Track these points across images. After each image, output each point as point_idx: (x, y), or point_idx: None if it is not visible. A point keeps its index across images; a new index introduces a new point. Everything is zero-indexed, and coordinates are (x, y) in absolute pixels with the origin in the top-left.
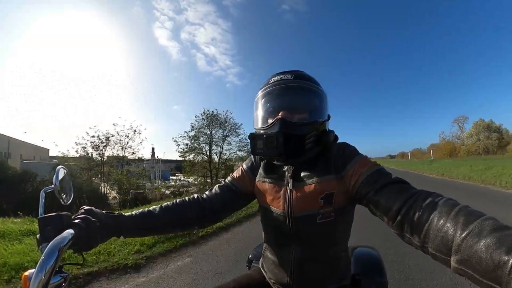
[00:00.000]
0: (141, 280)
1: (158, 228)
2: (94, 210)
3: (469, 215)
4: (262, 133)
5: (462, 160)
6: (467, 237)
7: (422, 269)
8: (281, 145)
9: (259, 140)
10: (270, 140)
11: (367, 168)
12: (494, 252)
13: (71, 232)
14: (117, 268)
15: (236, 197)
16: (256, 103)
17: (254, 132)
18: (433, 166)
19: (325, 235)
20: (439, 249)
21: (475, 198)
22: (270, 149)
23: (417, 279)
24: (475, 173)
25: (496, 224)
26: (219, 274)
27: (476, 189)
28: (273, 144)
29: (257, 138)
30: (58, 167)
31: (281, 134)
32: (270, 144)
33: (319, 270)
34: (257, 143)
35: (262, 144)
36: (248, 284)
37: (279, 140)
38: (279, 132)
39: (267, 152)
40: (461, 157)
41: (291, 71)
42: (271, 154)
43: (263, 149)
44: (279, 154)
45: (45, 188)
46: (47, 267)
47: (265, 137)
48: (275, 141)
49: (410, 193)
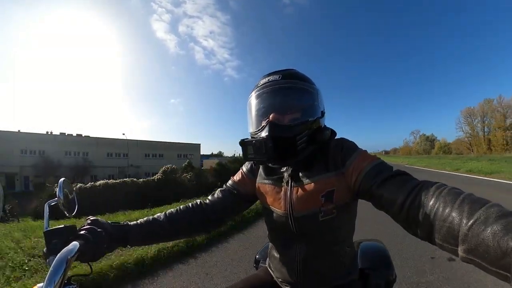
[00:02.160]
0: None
1: (163, 235)
2: (100, 220)
3: (474, 203)
4: (251, 139)
5: (416, 158)
6: (473, 225)
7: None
8: (270, 150)
9: (249, 146)
10: (258, 146)
11: (367, 163)
12: (501, 240)
13: (77, 244)
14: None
15: (238, 200)
16: (248, 106)
17: (246, 138)
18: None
19: (329, 232)
20: (446, 239)
21: (438, 176)
22: (260, 154)
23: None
24: (432, 164)
25: (502, 211)
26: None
27: (435, 172)
28: (262, 150)
29: (247, 144)
30: (60, 179)
31: (269, 139)
32: (259, 150)
33: (325, 267)
34: (247, 149)
35: (252, 150)
36: (256, 284)
37: (268, 146)
38: (267, 138)
39: (257, 157)
40: (413, 155)
41: (279, 71)
42: (261, 159)
43: (253, 155)
44: (268, 159)
45: (49, 201)
46: (56, 280)
47: (253, 143)
48: (263, 147)
49: (413, 184)
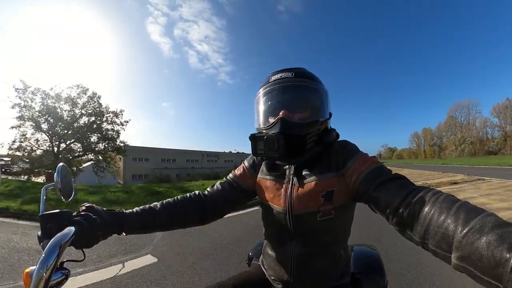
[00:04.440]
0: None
1: (159, 224)
2: (95, 207)
3: (470, 212)
4: (262, 134)
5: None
6: (468, 233)
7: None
8: (282, 147)
9: (260, 141)
10: (270, 142)
11: (367, 166)
12: (496, 249)
13: (72, 229)
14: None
15: (237, 193)
16: (256, 101)
17: (255, 132)
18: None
19: (325, 233)
20: (440, 245)
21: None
22: (272, 150)
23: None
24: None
25: (498, 221)
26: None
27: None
28: (274, 146)
29: (258, 139)
30: (59, 164)
31: (281, 135)
32: (270, 146)
33: (319, 268)
34: (258, 144)
35: (263, 146)
36: (248, 280)
37: (280, 142)
38: (279, 134)
39: (268, 153)
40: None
41: (291, 69)
42: (272, 155)
43: (264, 151)
44: (280, 155)
45: (46, 185)
46: (48, 264)
47: (265, 138)
48: (276, 143)
49: (410, 189)
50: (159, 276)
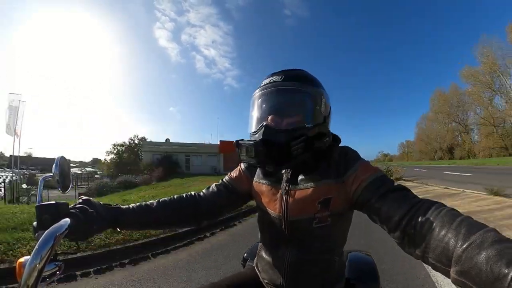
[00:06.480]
0: None
1: (154, 222)
2: (92, 200)
3: (471, 227)
4: (245, 142)
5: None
6: (468, 248)
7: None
8: (261, 153)
9: (242, 148)
10: (250, 149)
11: (369, 175)
12: (494, 265)
13: (68, 221)
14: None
15: (232, 196)
16: (250, 105)
17: (242, 139)
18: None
19: (321, 240)
20: (440, 259)
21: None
22: (251, 158)
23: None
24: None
25: (498, 237)
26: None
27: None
28: (251, 153)
29: (241, 146)
30: (58, 156)
31: (260, 143)
32: (249, 153)
33: (312, 274)
34: (241, 151)
35: (244, 153)
36: (242, 282)
37: (258, 149)
38: (258, 142)
39: (248, 160)
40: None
41: (283, 71)
42: (251, 162)
43: (245, 158)
44: (258, 163)
45: (44, 176)
46: (42, 255)
47: (246, 146)
48: (253, 151)
49: (412, 202)
50: None
